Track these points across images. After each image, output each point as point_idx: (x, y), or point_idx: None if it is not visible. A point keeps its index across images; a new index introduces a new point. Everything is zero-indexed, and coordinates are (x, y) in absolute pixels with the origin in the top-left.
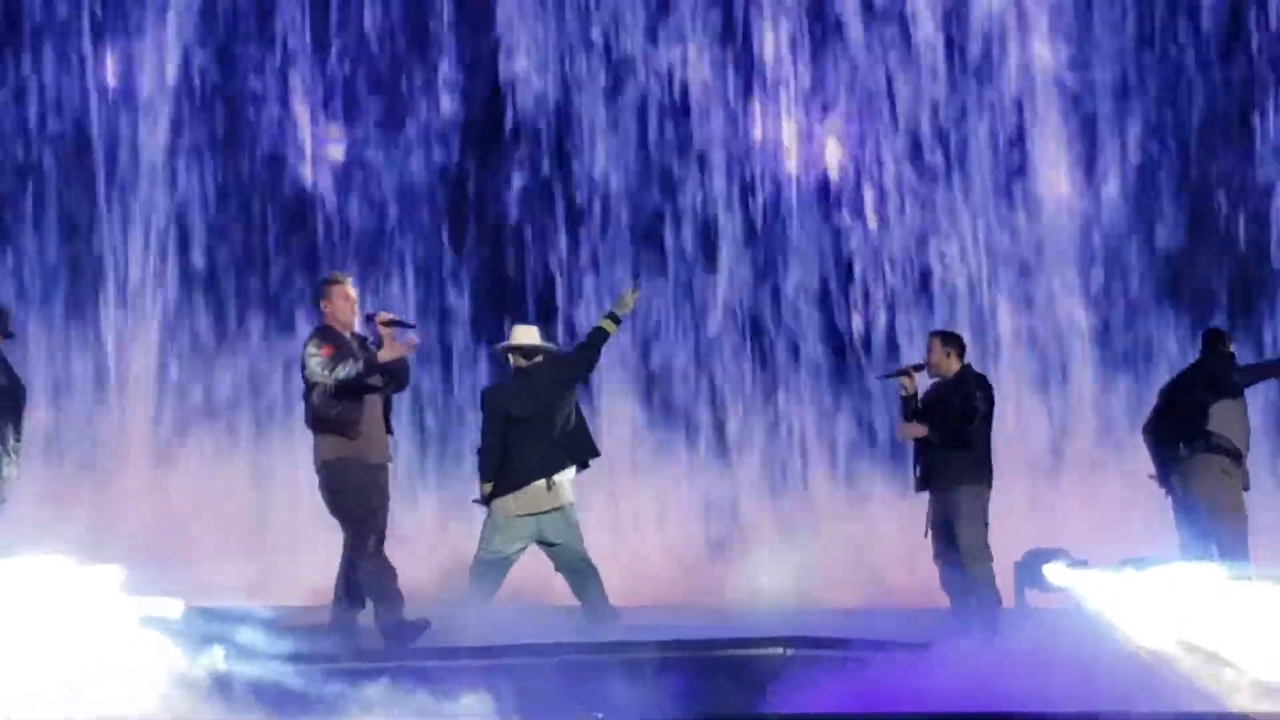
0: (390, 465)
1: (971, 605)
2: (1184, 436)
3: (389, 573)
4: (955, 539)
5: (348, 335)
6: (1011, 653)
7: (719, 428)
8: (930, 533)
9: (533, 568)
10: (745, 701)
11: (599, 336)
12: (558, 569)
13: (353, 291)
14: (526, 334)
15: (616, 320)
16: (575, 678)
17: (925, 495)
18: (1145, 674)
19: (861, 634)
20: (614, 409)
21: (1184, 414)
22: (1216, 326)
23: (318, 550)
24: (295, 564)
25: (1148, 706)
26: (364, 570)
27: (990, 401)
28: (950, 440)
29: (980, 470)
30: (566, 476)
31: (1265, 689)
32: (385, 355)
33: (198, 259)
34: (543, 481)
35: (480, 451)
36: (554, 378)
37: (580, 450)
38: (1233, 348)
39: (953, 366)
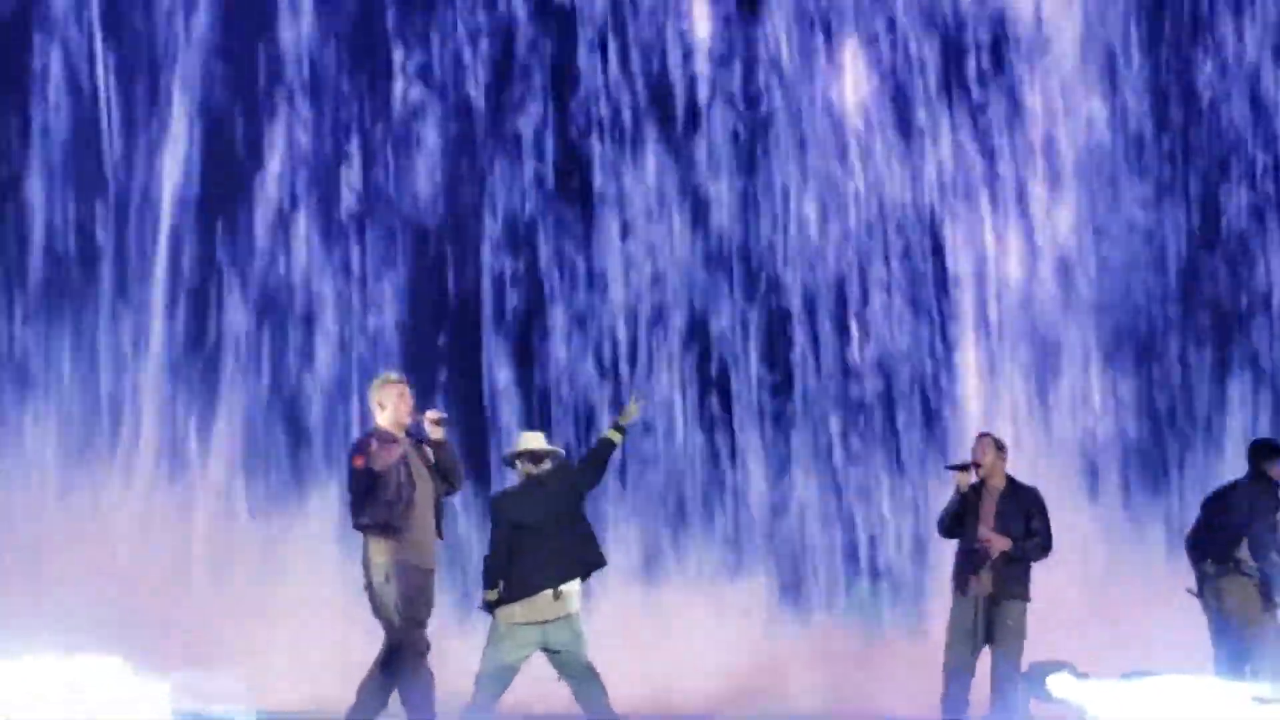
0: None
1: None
2: (1215, 555)
3: (427, 682)
4: (993, 648)
5: (400, 435)
6: None
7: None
8: (959, 641)
9: (535, 674)
10: None
11: (605, 448)
12: (561, 676)
13: (409, 391)
14: (534, 439)
15: (622, 431)
16: None
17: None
18: None
19: None
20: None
21: (1219, 533)
22: (1266, 440)
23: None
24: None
25: None
26: (404, 676)
27: None
28: (1036, 555)
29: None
30: (573, 585)
31: None
32: (439, 452)
33: None
34: (549, 590)
35: (486, 558)
36: (562, 486)
37: (586, 560)
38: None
39: (1001, 470)
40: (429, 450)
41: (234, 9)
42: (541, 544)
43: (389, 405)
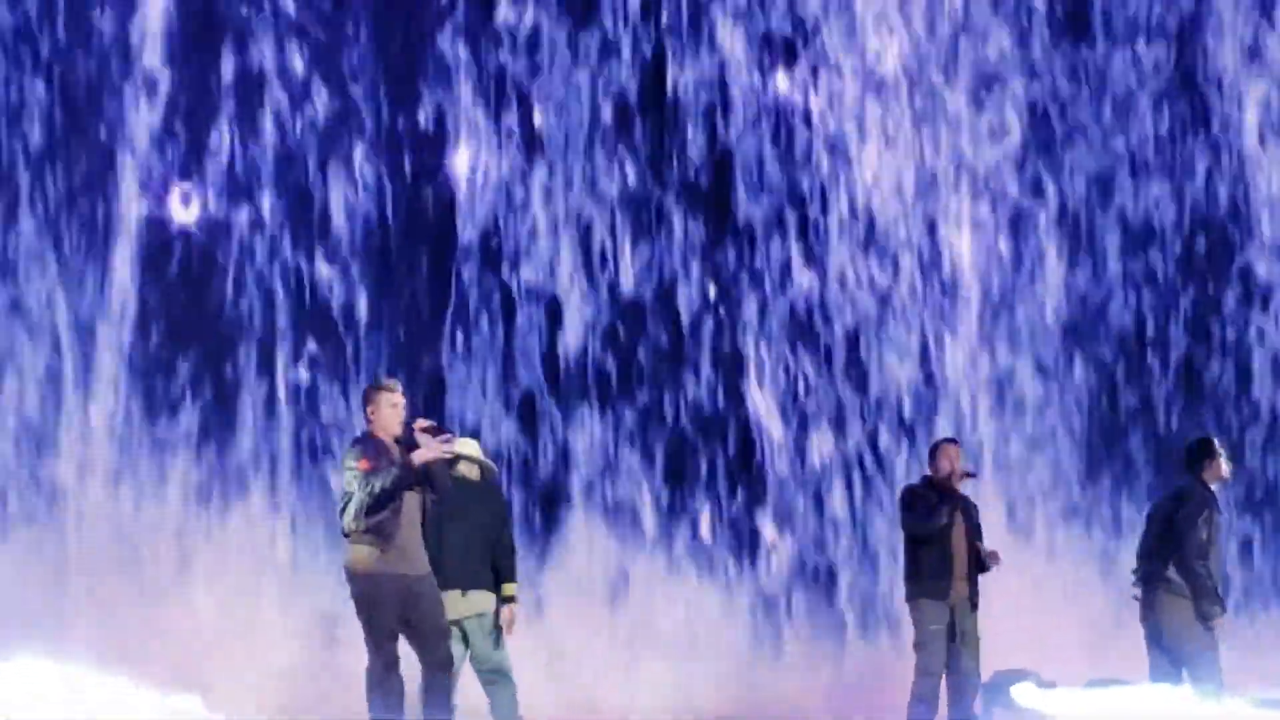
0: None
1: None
2: (1143, 573)
3: (394, 695)
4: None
5: (389, 442)
6: None
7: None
8: (938, 643)
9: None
10: None
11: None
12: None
13: (400, 399)
14: (473, 446)
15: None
16: None
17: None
18: None
19: None
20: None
21: (1162, 544)
22: (1202, 438)
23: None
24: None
25: None
26: (369, 685)
27: None
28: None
29: None
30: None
31: None
32: (421, 456)
33: None
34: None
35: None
36: (493, 508)
37: (497, 571)
38: (1221, 462)
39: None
40: (414, 457)
41: None
42: (461, 543)
43: (380, 412)
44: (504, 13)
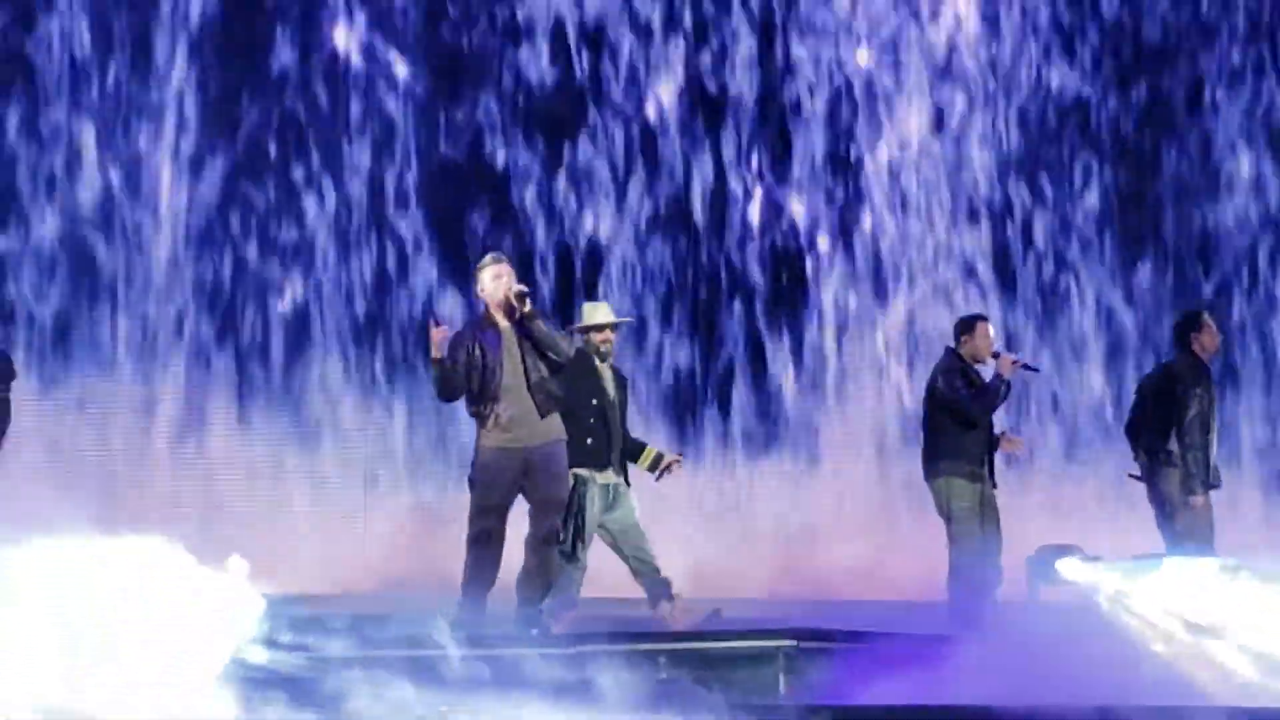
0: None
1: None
2: (1147, 445)
3: (473, 566)
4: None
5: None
6: (1025, 646)
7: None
8: (975, 522)
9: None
10: (753, 695)
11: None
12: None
13: (503, 270)
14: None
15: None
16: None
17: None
18: (1157, 667)
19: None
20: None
21: (1156, 421)
22: (1192, 311)
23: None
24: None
25: (1159, 700)
26: (466, 561)
27: None
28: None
29: None
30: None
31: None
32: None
33: None
34: None
35: None
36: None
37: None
38: (1209, 332)
39: None
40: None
41: None
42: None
43: (485, 288)
44: None
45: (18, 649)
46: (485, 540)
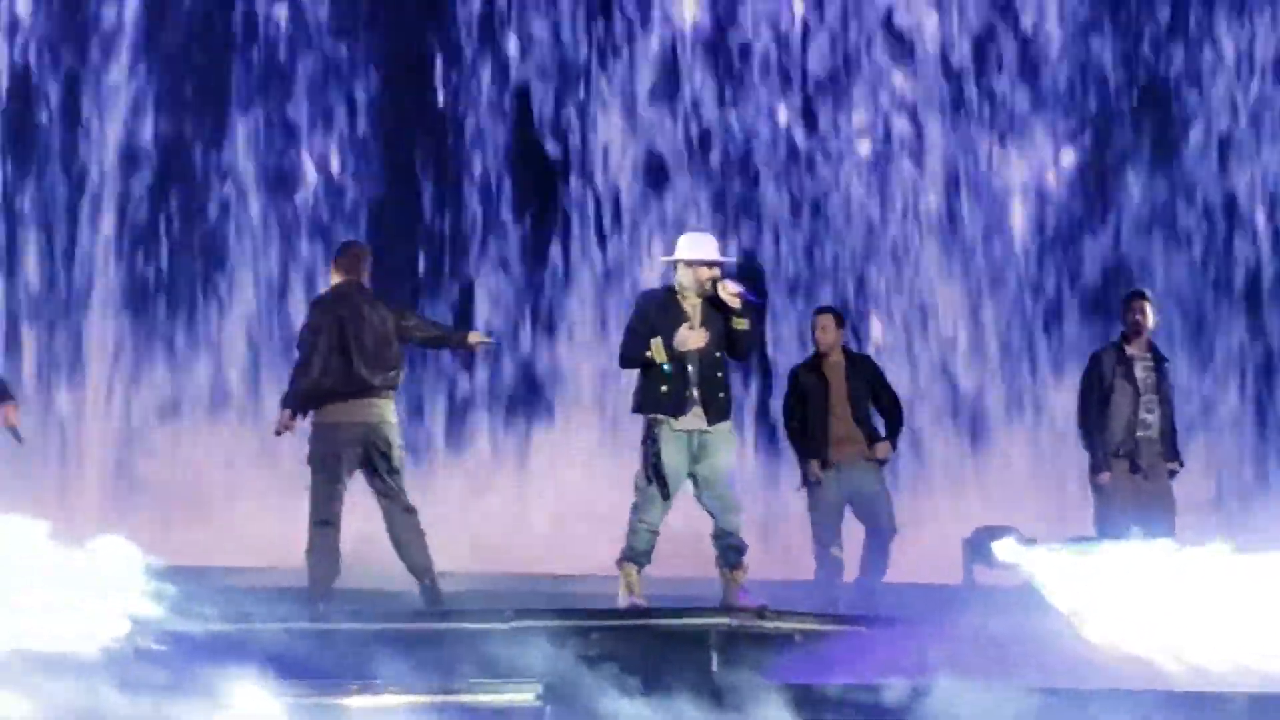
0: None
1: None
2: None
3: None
4: None
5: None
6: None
7: None
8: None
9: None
10: (687, 672)
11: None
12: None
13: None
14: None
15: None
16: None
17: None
18: (1096, 651)
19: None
20: None
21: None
22: (1136, 290)
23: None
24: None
25: (1102, 684)
26: None
27: None
28: (898, 432)
29: None
30: None
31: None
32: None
33: None
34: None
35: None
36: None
37: None
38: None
39: (839, 344)
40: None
41: None
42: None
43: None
44: None
45: None
46: None
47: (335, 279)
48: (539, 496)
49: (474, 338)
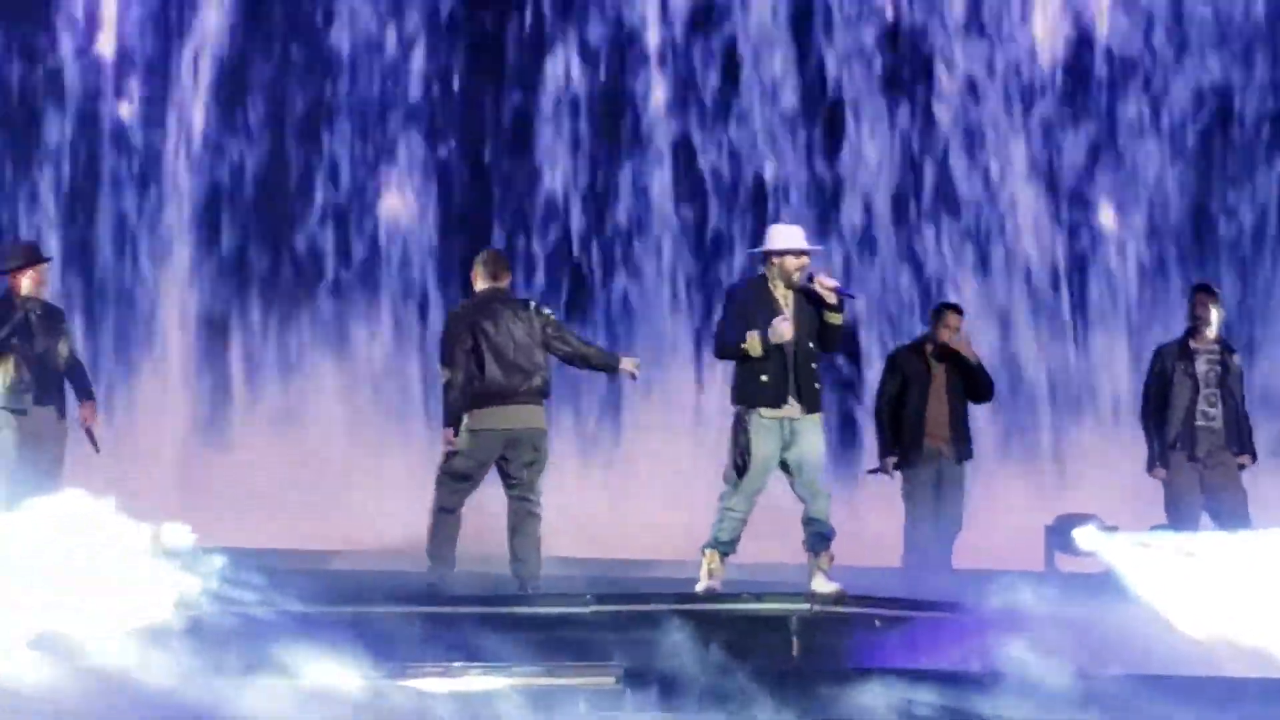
0: None
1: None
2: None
3: None
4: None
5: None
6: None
7: None
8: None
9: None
10: (767, 656)
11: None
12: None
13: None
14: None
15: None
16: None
17: None
18: (1175, 638)
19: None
20: None
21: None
22: (1200, 284)
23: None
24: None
25: (1184, 671)
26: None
27: None
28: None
29: None
30: None
31: None
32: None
33: None
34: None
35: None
36: None
37: None
38: (1194, 308)
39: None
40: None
41: None
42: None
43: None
44: None
45: None
46: None
47: (479, 285)
48: (626, 483)
49: (627, 364)
